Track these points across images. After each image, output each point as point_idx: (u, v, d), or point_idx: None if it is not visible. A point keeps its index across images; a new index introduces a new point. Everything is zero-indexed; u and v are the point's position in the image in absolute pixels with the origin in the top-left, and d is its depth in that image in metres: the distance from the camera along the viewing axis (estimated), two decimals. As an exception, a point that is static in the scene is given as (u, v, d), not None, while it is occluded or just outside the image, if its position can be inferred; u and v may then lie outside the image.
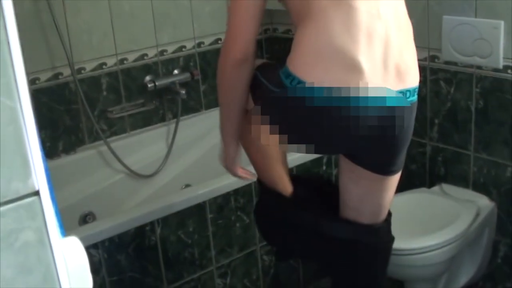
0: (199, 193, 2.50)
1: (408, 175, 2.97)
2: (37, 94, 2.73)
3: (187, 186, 3.05)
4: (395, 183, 1.93)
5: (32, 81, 2.72)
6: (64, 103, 2.83)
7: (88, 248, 2.21)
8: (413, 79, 1.74)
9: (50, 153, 2.81)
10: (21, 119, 0.67)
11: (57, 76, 2.80)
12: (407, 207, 2.67)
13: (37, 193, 0.69)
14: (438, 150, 2.83)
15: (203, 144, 3.17)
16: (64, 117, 2.84)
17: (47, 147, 2.80)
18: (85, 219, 2.89)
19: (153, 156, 3.08)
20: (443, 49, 2.63)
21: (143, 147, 3.08)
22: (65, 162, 2.85)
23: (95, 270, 2.24)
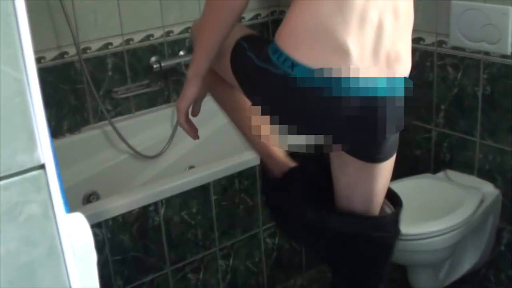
0: (203, 174, 2.49)
1: (413, 160, 2.97)
2: (43, 73, 2.72)
3: (191, 167, 3.05)
4: (385, 171, 1.85)
5: (37, 60, 2.71)
6: (69, 82, 2.83)
7: (91, 227, 2.20)
8: (403, 68, 1.68)
9: (55, 132, 2.80)
10: (28, 91, 0.66)
11: (62, 55, 2.79)
12: (411, 192, 2.65)
13: (42, 166, 0.68)
14: (443, 136, 2.81)
15: (207, 125, 3.15)
16: (69, 96, 2.84)
17: (52, 126, 2.79)
18: (89, 198, 2.89)
19: (157, 137, 3.08)
20: (451, 34, 2.62)
21: (147, 128, 3.07)
22: (70, 141, 2.85)
23: (99, 249, 2.22)
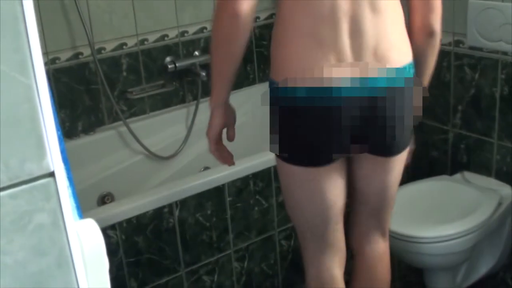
0: (217, 175, 2.48)
1: (430, 162, 2.94)
2: (57, 73, 2.72)
3: (206, 168, 3.04)
4: (398, 164, 1.90)
5: (52, 61, 2.71)
6: (84, 83, 2.82)
7: (106, 229, 2.20)
8: (397, 59, 1.71)
9: (69, 133, 2.80)
10: (37, 97, 0.65)
11: (77, 55, 2.79)
12: (428, 194, 2.64)
13: (52, 174, 0.67)
14: (461, 137, 2.79)
15: (222, 126, 3.15)
16: (83, 97, 2.83)
17: (67, 127, 2.79)
18: (104, 199, 2.89)
19: (172, 137, 3.06)
20: (468, 34, 2.59)
21: (162, 128, 3.06)
22: (84, 142, 2.84)
23: (113, 251, 2.23)
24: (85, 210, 2.39)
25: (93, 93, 2.86)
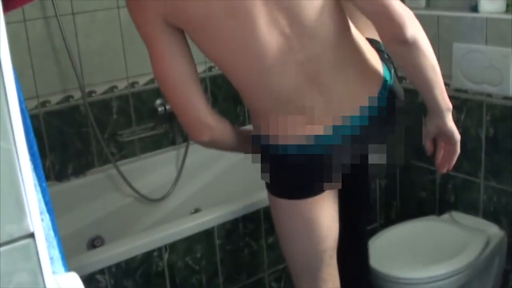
0: (207, 219, 2.48)
1: (417, 202, 2.96)
2: (48, 116, 2.74)
3: (197, 210, 3.04)
4: None
5: (42, 104, 2.73)
6: (74, 126, 2.84)
7: (94, 274, 2.20)
8: (345, 110, 1.67)
9: (59, 176, 2.81)
10: (16, 160, 0.67)
11: (67, 98, 2.81)
12: (416, 235, 2.65)
13: (31, 235, 0.68)
14: (448, 177, 2.81)
15: (213, 168, 3.16)
16: (74, 140, 2.85)
17: (57, 169, 2.80)
18: (93, 242, 2.88)
19: (162, 180, 3.08)
20: (454, 76, 2.63)
21: (152, 170, 3.07)
22: (75, 185, 2.85)
23: (101, 295, 2.23)
24: (74, 253, 2.38)
25: (83, 136, 2.88)
